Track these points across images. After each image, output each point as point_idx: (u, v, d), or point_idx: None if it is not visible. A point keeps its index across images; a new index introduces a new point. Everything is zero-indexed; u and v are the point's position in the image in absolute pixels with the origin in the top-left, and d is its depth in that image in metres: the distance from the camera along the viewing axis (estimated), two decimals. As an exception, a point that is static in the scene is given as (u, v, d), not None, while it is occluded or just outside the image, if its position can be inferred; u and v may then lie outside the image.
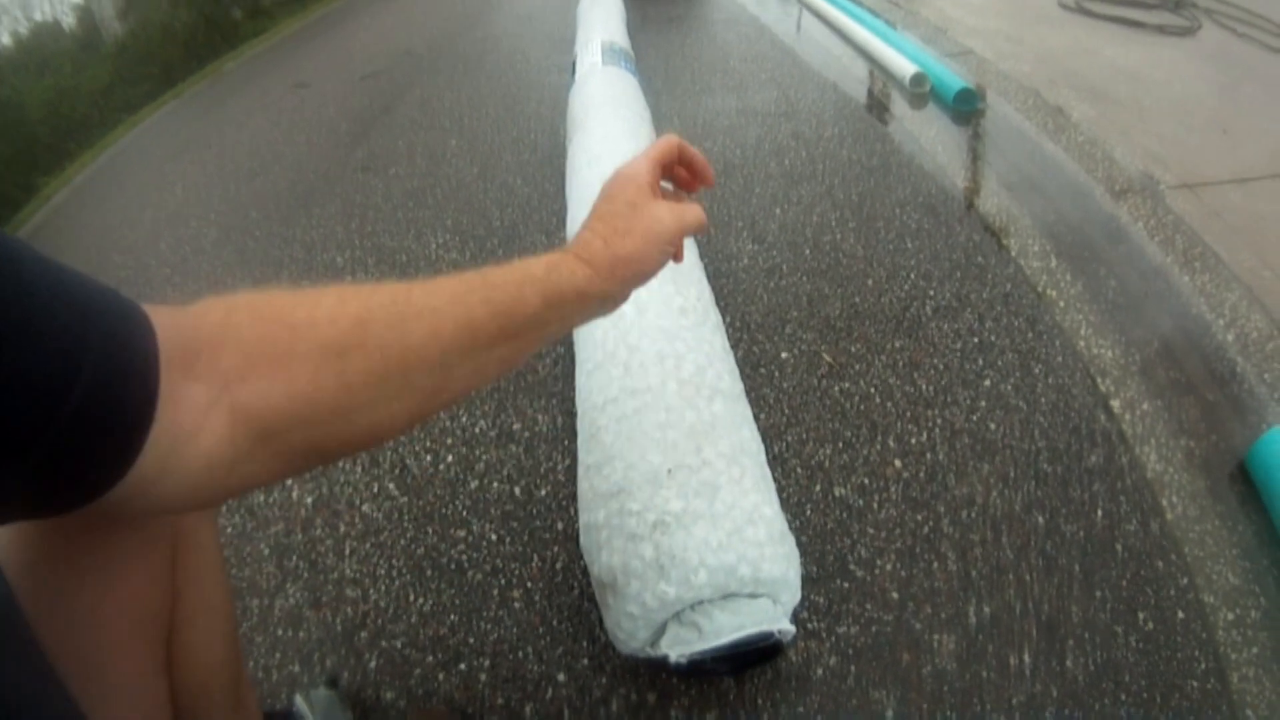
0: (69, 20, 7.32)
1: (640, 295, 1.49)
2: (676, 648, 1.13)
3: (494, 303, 0.72)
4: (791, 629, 1.16)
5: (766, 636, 1.13)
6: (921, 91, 3.44)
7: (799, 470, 1.71)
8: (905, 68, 3.51)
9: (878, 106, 3.45)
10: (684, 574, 1.11)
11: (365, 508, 1.75)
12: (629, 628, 1.17)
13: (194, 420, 0.57)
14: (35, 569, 0.69)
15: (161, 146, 4.73)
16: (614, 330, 1.47)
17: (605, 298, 0.85)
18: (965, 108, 3.27)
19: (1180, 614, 1.41)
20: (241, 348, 0.60)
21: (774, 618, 1.15)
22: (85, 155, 4.98)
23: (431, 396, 0.71)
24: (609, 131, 2.37)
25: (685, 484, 1.19)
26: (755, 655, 1.18)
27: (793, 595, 1.20)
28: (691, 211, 0.90)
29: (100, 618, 0.76)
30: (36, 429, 0.47)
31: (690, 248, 1.82)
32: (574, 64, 3.26)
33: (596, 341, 1.50)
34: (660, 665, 1.27)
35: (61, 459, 0.50)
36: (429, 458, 1.85)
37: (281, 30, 6.77)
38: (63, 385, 0.48)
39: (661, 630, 1.16)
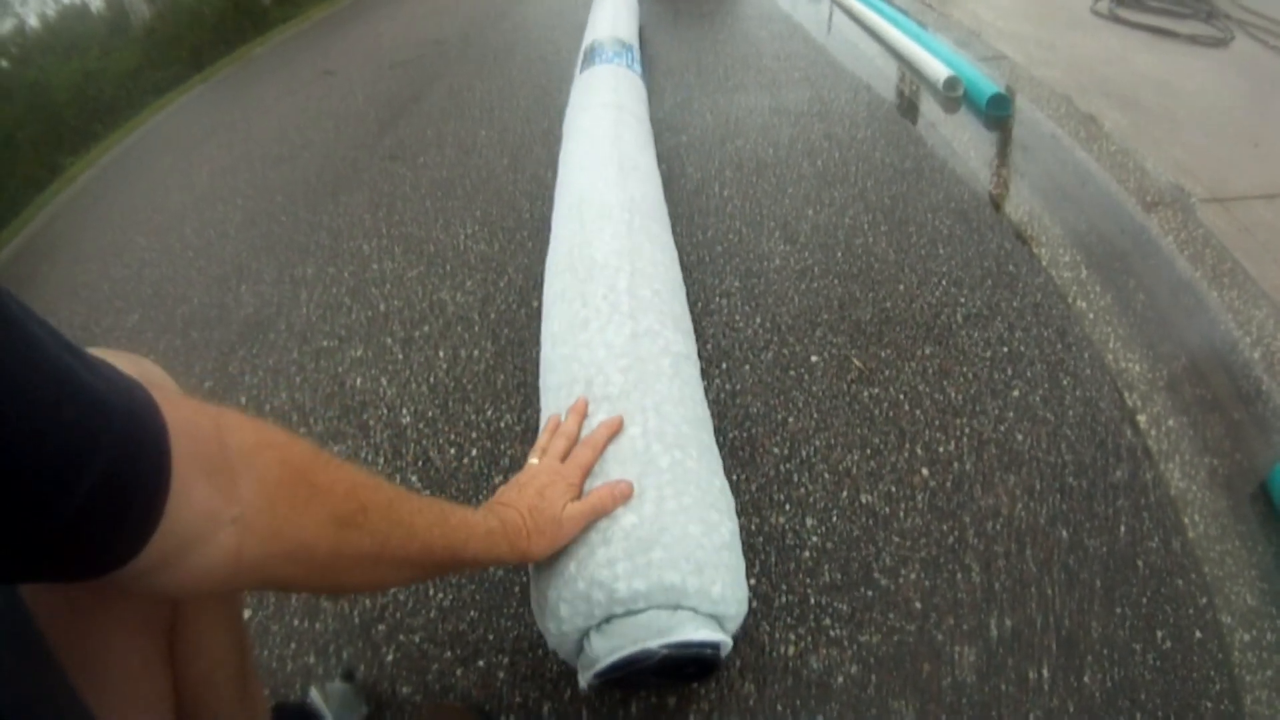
0: (97, 3, 7.33)
1: (554, 329, 1.57)
2: (581, 673, 1.16)
3: (448, 539, 0.92)
4: (701, 638, 1.12)
5: (648, 655, 1.10)
6: (955, 95, 3.42)
7: (826, 475, 1.70)
8: (939, 71, 3.49)
9: (910, 109, 3.44)
10: (554, 609, 1.13)
11: (387, 500, 1.74)
12: (565, 656, 1.22)
13: (206, 526, 0.61)
14: None
15: (188, 130, 4.74)
16: (539, 370, 1.53)
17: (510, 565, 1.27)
18: (998, 113, 3.25)
19: (1198, 633, 1.40)
20: (265, 484, 0.67)
21: (669, 628, 1.11)
22: (112, 138, 4.99)
23: (381, 581, 0.89)
24: (569, 155, 2.37)
25: None
26: (686, 662, 1.16)
27: (703, 597, 1.13)
28: (596, 509, 1.17)
29: (103, 607, 0.77)
30: (38, 519, 0.49)
31: (620, 223, 1.80)
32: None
33: (539, 389, 1.54)
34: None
35: (65, 546, 0.52)
36: (453, 450, 1.85)
37: (310, 16, 6.78)
38: (70, 478, 0.49)
39: (576, 657, 1.19)
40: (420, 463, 1.83)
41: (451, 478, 1.78)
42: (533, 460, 1.26)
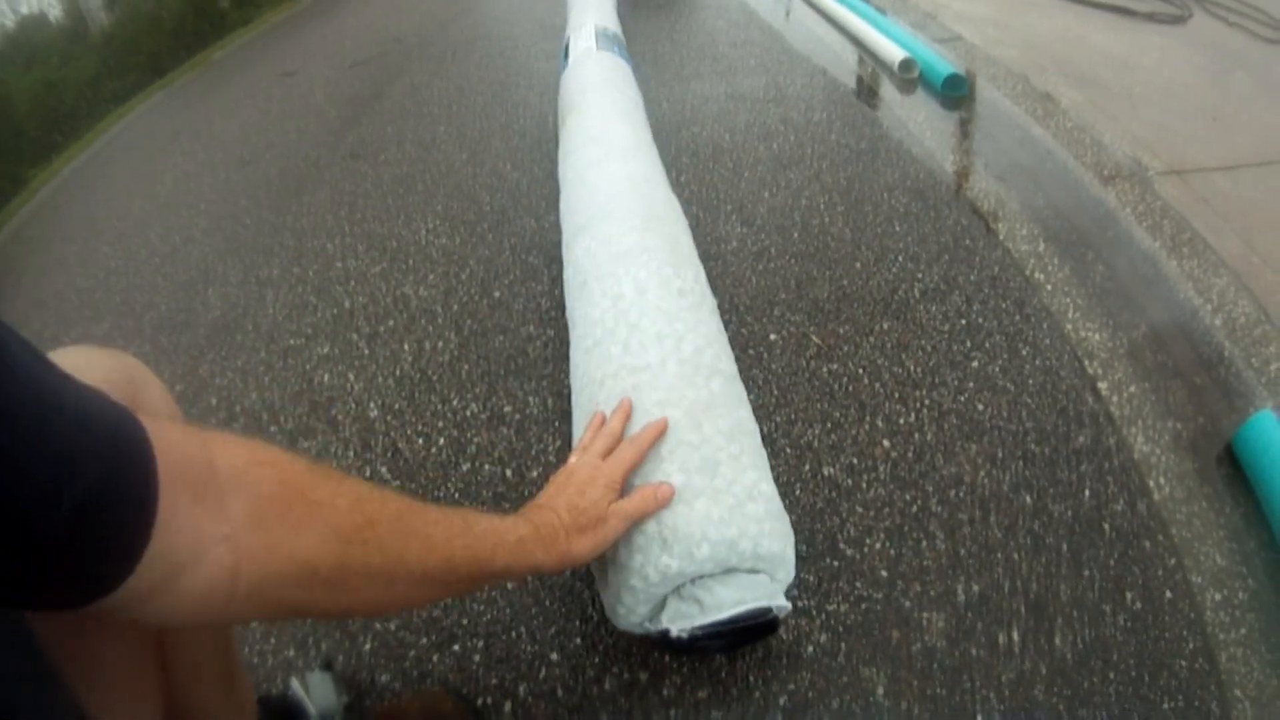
0: (55, 12, 7.28)
1: (640, 276, 1.51)
2: (678, 622, 1.15)
3: (472, 550, 0.87)
4: (787, 605, 1.18)
5: (764, 612, 1.14)
6: (910, 77, 3.45)
7: (788, 450, 1.72)
8: (894, 53, 3.51)
9: (866, 92, 3.47)
10: (686, 548, 1.12)
11: (358, 491, 1.75)
12: (629, 602, 1.17)
13: (196, 549, 0.60)
14: None
15: (150, 137, 4.71)
16: (613, 309, 1.48)
17: (547, 573, 1.19)
18: (954, 93, 3.28)
19: (1168, 594, 1.42)
20: (258, 501, 0.65)
21: (772, 594, 1.17)
22: (73, 147, 4.95)
23: (402, 600, 0.86)
24: (604, 114, 2.38)
25: (686, 460, 1.20)
26: (751, 632, 1.20)
27: (788, 572, 1.21)
28: (640, 509, 1.13)
29: None
30: (20, 544, 0.48)
31: (685, 230, 1.84)
32: (565, 47, 3.26)
33: (595, 320, 1.51)
34: (653, 643, 1.29)
35: (48, 573, 0.51)
36: (420, 440, 1.86)
37: (269, 18, 6.73)
38: (51, 502, 0.49)
39: (662, 605, 1.18)
40: (389, 454, 1.84)
41: (420, 467, 1.79)
42: (573, 459, 1.21)
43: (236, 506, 0.63)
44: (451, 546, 0.84)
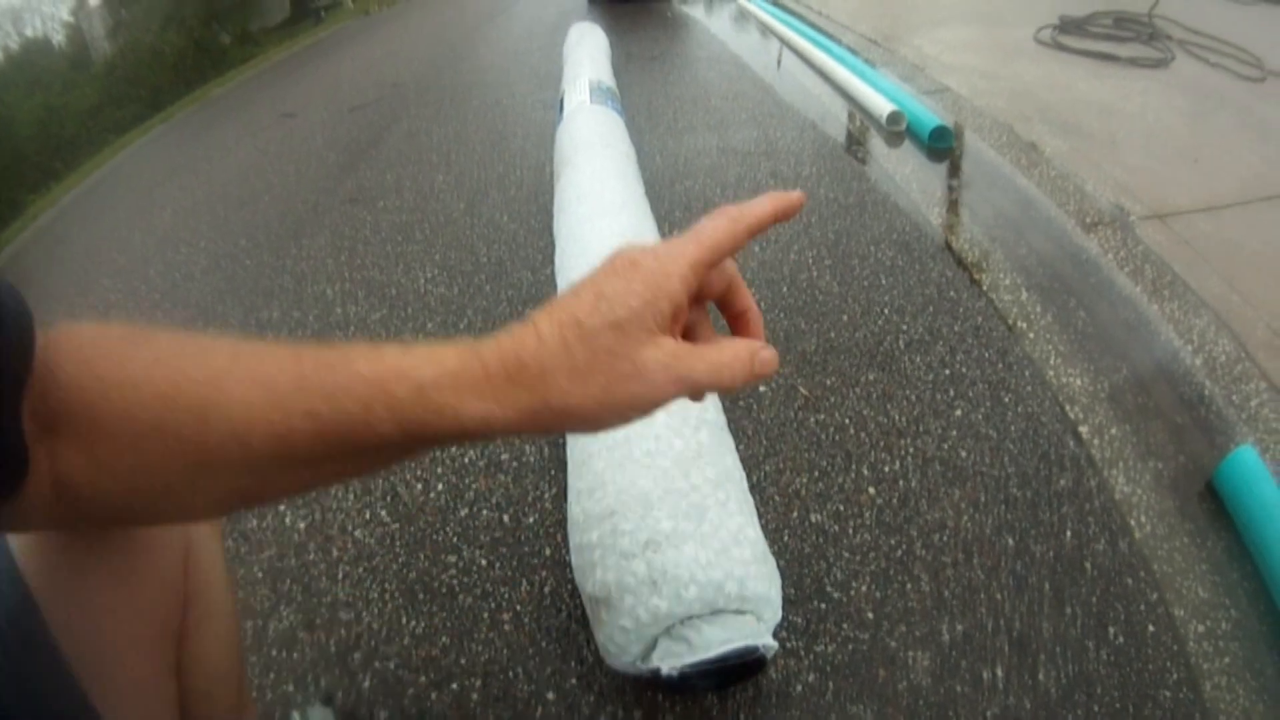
0: (59, 38, 7.31)
1: None
2: (667, 660, 1.19)
3: (321, 419, 0.53)
4: (774, 645, 1.22)
5: (751, 651, 1.18)
6: (898, 130, 3.51)
7: (777, 498, 1.75)
8: (882, 106, 3.57)
9: (855, 145, 3.53)
10: (675, 589, 1.16)
11: (358, 533, 1.79)
12: (621, 642, 1.22)
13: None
14: (54, 572, 0.71)
15: (150, 170, 4.75)
16: None
17: (515, 434, 0.55)
18: (940, 145, 3.33)
19: (1151, 627, 1.45)
20: (64, 398, 0.51)
21: (758, 633, 1.21)
22: (73, 176, 4.98)
23: (244, 496, 0.59)
24: (596, 170, 2.44)
25: (675, 506, 1.25)
26: (740, 670, 1.23)
27: (774, 613, 1.26)
28: (713, 376, 0.56)
29: (115, 619, 0.77)
30: None
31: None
32: (561, 101, 3.31)
33: None
34: (646, 683, 1.33)
35: None
36: (419, 485, 1.89)
37: (270, 57, 6.80)
38: None
39: (652, 645, 1.22)
40: (389, 498, 1.87)
41: (419, 511, 1.82)
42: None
43: (52, 402, 0.51)
44: (283, 413, 0.52)
